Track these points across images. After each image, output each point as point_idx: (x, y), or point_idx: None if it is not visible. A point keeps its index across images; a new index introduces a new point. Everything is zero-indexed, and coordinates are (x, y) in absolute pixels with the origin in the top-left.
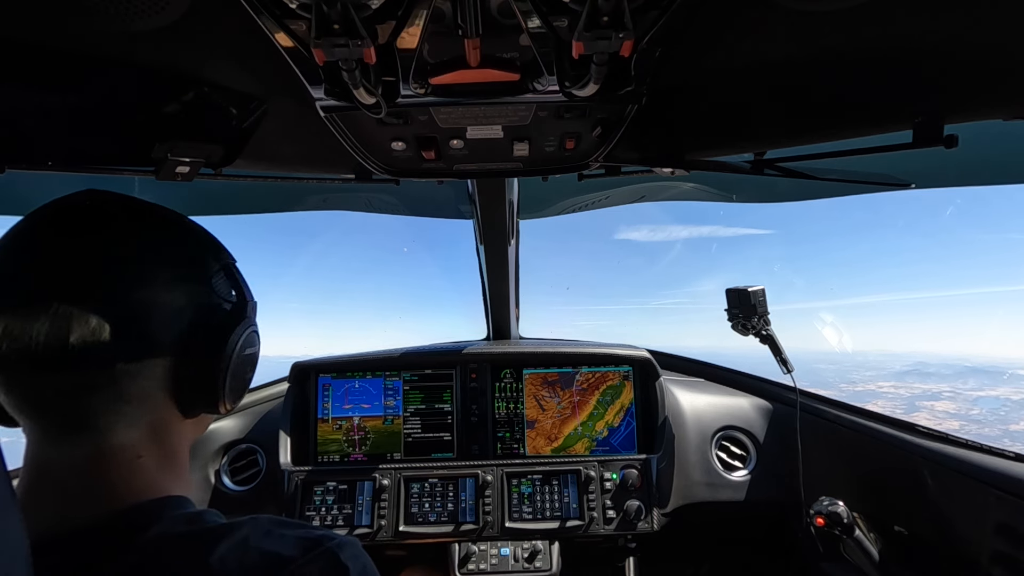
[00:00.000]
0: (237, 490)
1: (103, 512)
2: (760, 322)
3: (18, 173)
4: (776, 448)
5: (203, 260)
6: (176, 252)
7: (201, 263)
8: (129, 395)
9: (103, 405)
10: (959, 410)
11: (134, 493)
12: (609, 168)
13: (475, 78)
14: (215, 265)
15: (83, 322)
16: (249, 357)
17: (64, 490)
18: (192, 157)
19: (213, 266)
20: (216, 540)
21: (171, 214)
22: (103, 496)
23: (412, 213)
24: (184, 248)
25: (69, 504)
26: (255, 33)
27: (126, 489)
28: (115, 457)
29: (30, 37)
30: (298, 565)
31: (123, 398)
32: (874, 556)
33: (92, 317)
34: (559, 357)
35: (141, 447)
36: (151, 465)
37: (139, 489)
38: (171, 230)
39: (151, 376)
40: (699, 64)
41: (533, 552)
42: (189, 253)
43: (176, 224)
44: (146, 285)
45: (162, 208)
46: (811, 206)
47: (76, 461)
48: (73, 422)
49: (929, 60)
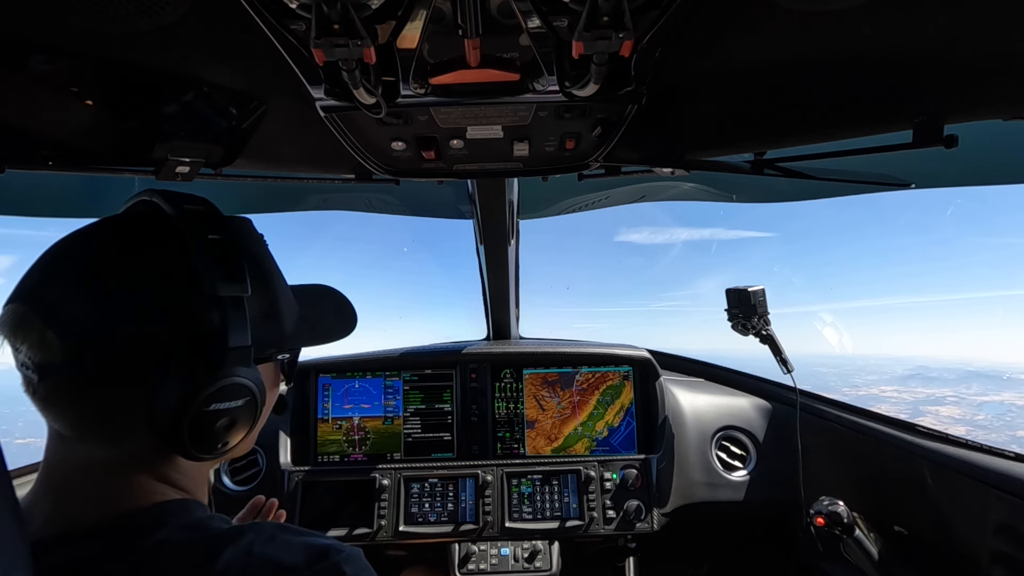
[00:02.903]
0: (237, 490)
1: (111, 513)
2: (760, 322)
3: (18, 173)
4: (776, 448)
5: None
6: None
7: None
8: (144, 400)
9: (115, 409)
10: (964, 415)
11: (143, 495)
12: (609, 168)
13: (475, 78)
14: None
15: (93, 329)
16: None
17: (75, 488)
18: (192, 157)
19: None
20: (221, 546)
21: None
22: (112, 498)
23: (412, 213)
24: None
25: (78, 503)
26: (255, 33)
27: (136, 492)
28: (127, 460)
29: (30, 37)
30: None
31: (138, 403)
32: (874, 556)
33: (103, 325)
34: (559, 357)
35: (153, 451)
36: (163, 470)
37: (150, 491)
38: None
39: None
40: (699, 64)
41: (533, 552)
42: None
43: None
44: (153, 293)
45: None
46: (811, 206)
47: (88, 460)
48: (86, 425)
49: (929, 60)
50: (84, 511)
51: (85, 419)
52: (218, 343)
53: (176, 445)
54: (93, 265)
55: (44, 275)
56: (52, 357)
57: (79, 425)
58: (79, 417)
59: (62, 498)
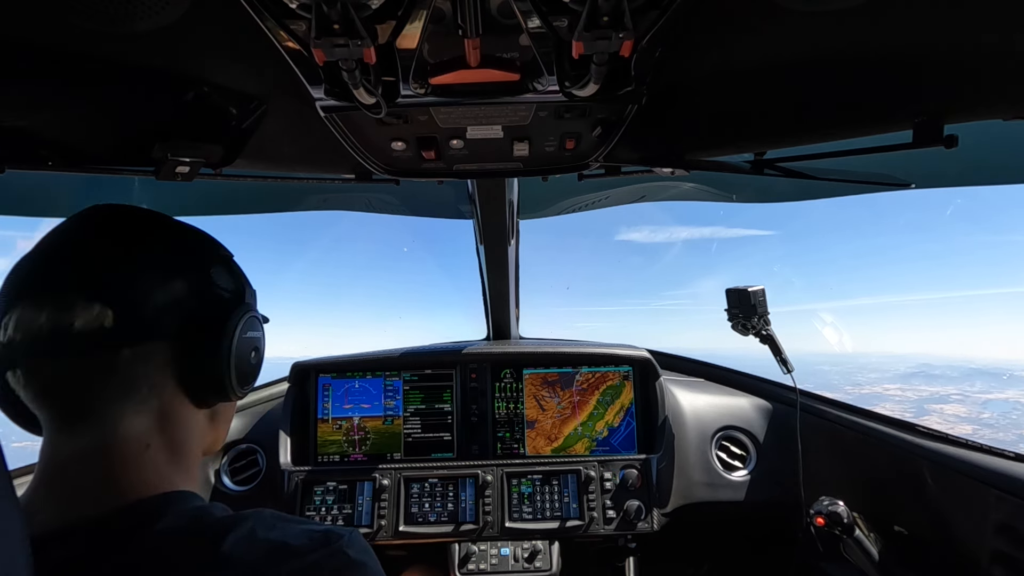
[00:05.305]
0: (237, 490)
1: (111, 505)
2: (760, 322)
3: (18, 173)
4: (776, 448)
5: (199, 254)
6: (172, 246)
7: (197, 256)
8: (136, 382)
9: (110, 393)
10: (970, 413)
11: (142, 485)
12: (609, 168)
13: (475, 78)
14: (211, 258)
15: (85, 310)
16: (250, 340)
17: (73, 481)
18: (192, 157)
19: (209, 259)
20: (224, 532)
21: (167, 217)
22: (111, 488)
23: (412, 213)
24: (179, 242)
25: (78, 496)
26: (255, 33)
27: (135, 480)
28: (124, 446)
29: (30, 37)
30: (310, 559)
31: (130, 386)
32: (874, 556)
33: (94, 305)
34: (559, 357)
35: (150, 437)
36: (160, 458)
37: (147, 481)
38: (167, 229)
39: (156, 363)
40: (699, 64)
41: (533, 552)
42: (185, 247)
43: (171, 224)
44: (145, 276)
45: (158, 213)
46: (812, 205)
47: (86, 451)
48: (81, 410)
49: (929, 60)
50: (85, 502)
51: (109, 387)
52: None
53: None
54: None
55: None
56: (85, 324)
57: (96, 398)
58: (80, 399)
59: (61, 493)
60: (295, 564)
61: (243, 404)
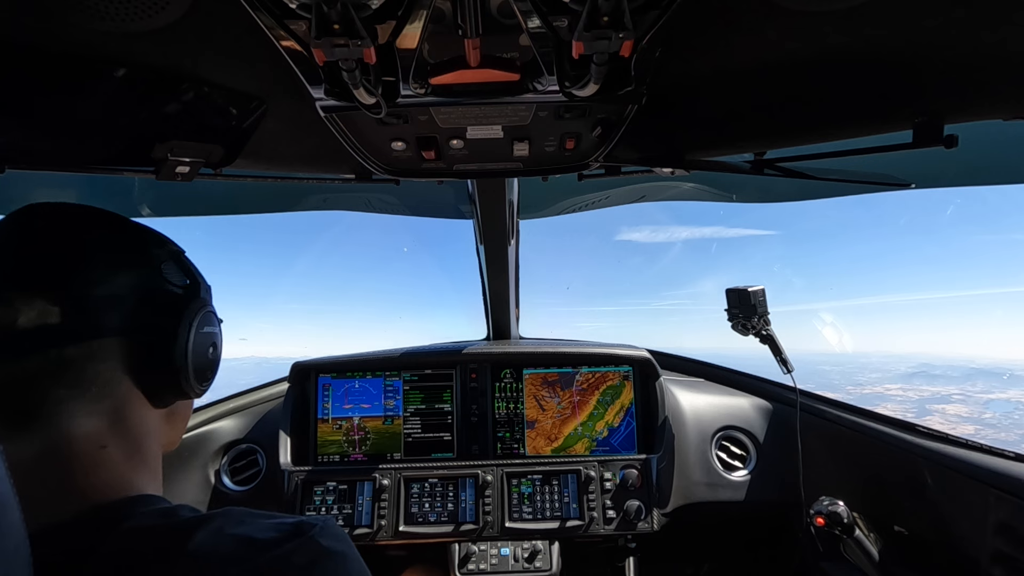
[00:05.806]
0: (237, 490)
1: (72, 509)
2: (760, 322)
3: (18, 173)
4: (776, 448)
5: (145, 249)
6: (116, 241)
7: (144, 251)
8: (86, 381)
9: (58, 393)
10: (972, 413)
11: (103, 487)
12: (609, 168)
13: (475, 78)
14: (160, 253)
15: (29, 308)
16: (207, 336)
17: (31, 487)
18: (192, 157)
19: (158, 254)
20: (191, 530)
21: (111, 214)
22: (71, 492)
23: (412, 213)
24: (123, 238)
25: (36, 502)
26: (255, 33)
27: (95, 483)
28: (77, 447)
29: (30, 37)
30: (278, 552)
31: (80, 384)
32: (874, 556)
33: (36, 301)
34: (559, 357)
35: (104, 437)
36: (118, 457)
37: (108, 483)
38: (109, 226)
39: (107, 360)
40: (699, 64)
41: (533, 552)
42: (131, 243)
43: (115, 220)
44: (87, 271)
45: (101, 209)
46: (812, 205)
47: (39, 454)
48: (30, 411)
49: (929, 60)
50: (43, 510)
51: (58, 387)
52: (191, 283)
53: (173, 384)
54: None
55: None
56: (27, 321)
57: (44, 399)
58: (29, 400)
59: (19, 499)
60: (263, 557)
61: (243, 404)
